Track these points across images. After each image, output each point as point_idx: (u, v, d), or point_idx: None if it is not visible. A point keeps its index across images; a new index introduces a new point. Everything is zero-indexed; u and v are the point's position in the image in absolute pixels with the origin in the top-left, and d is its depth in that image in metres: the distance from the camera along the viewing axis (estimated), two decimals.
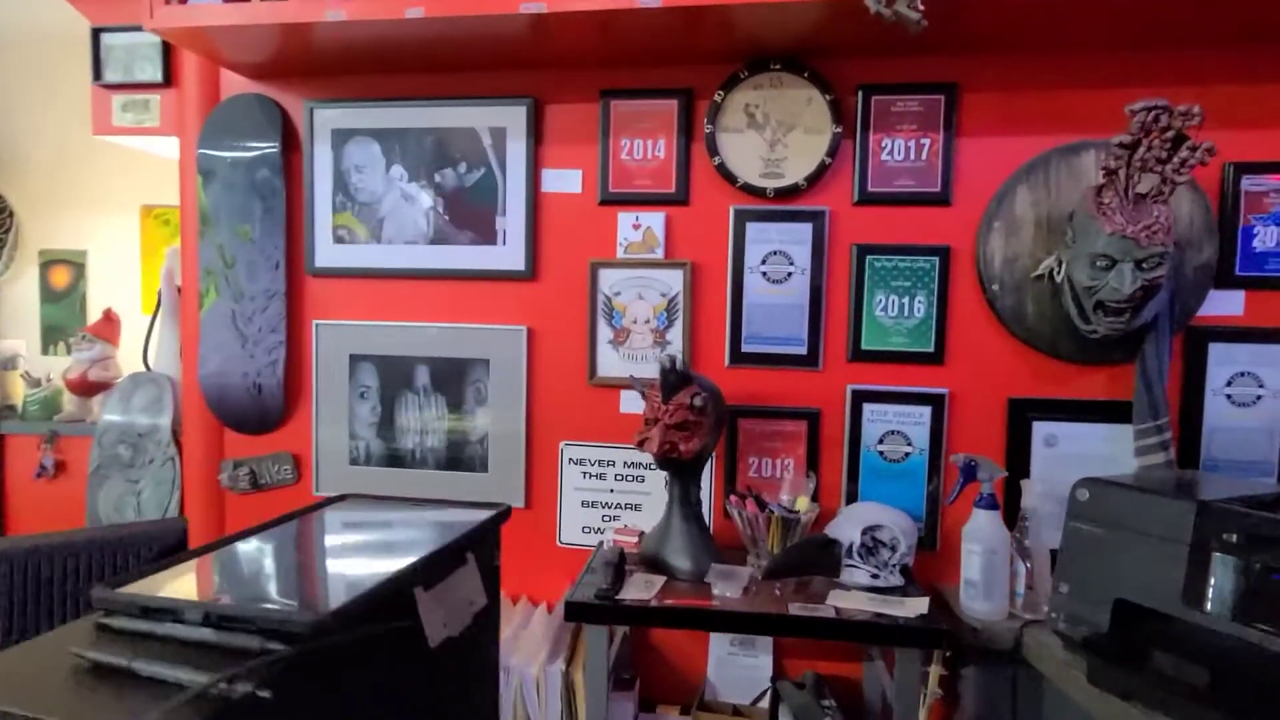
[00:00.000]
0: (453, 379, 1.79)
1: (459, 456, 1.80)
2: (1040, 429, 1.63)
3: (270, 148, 1.79)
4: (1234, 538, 1.11)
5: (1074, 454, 1.62)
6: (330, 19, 1.48)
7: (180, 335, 1.92)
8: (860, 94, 1.63)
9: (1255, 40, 1.51)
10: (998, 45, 1.56)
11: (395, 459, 1.82)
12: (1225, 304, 1.57)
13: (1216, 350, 1.57)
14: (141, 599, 0.48)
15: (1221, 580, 1.12)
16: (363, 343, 1.82)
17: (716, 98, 1.66)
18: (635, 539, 1.68)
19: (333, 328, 1.83)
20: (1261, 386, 1.57)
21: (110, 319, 2.02)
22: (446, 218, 1.77)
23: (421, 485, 1.81)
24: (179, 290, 1.94)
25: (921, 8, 1.29)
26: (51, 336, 3.49)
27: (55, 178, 3.40)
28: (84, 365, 1.95)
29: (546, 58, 1.69)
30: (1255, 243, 1.56)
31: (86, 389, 1.95)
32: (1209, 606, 1.12)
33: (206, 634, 0.43)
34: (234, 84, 1.84)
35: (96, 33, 1.85)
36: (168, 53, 1.85)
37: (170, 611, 0.46)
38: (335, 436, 1.84)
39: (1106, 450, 1.61)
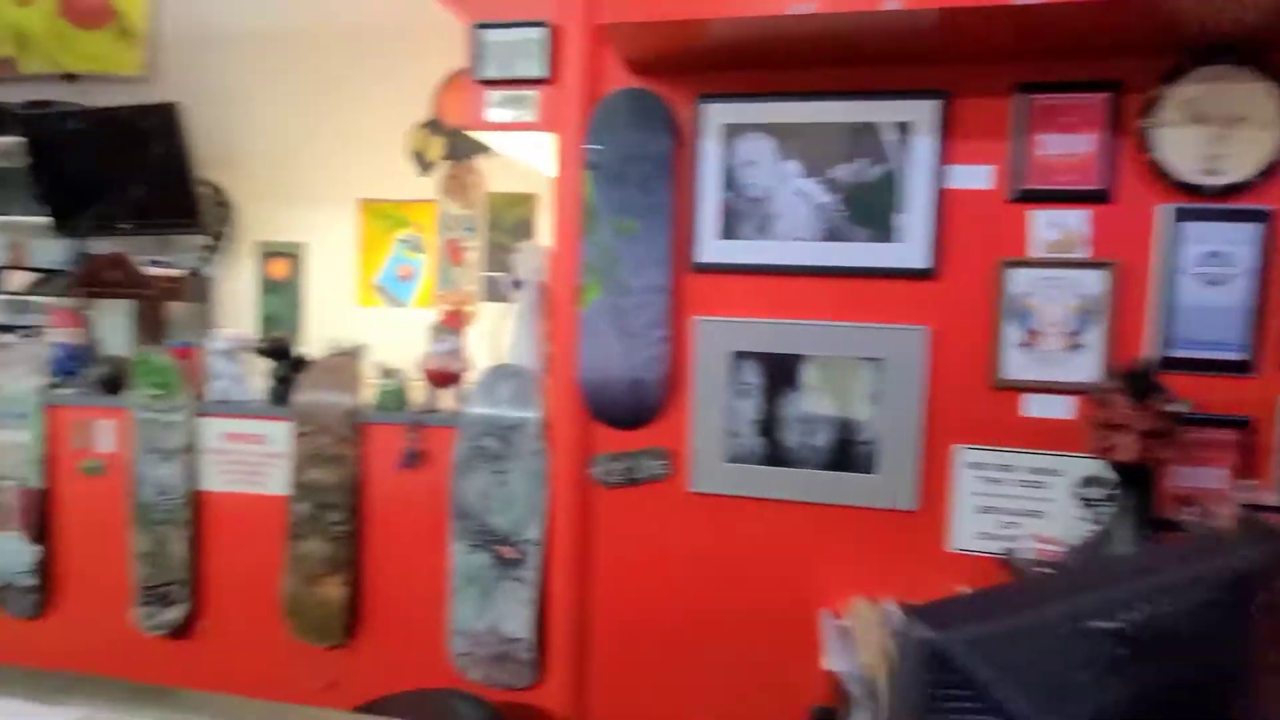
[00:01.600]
0: (841, 378, 1.76)
1: (845, 457, 1.77)
2: None
3: (660, 142, 1.78)
4: None
5: None
6: (797, 11, 1.46)
7: (548, 331, 1.92)
8: None
9: None
10: None
11: (776, 458, 1.80)
12: None
13: None
14: None
15: None
16: (746, 339, 1.80)
17: (1153, 92, 1.60)
18: (1057, 550, 1.63)
19: (715, 324, 1.81)
20: None
21: (459, 313, 2.05)
22: (845, 214, 1.74)
23: (804, 485, 1.79)
24: (541, 286, 1.95)
25: None
26: (270, 326, 3.59)
27: (273, 171, 3.48)
28: (442, 357, 1.97)
29: (955, 52, 1.65)
30: None
31: (443, 380, 1.98)
32: None
33: None
34: (612, 80, 1.83)
35: (476, 29, 1.86)
36: (551, 48, 1.85)
37: None
38: (712, 433, 1.83)
39: None
